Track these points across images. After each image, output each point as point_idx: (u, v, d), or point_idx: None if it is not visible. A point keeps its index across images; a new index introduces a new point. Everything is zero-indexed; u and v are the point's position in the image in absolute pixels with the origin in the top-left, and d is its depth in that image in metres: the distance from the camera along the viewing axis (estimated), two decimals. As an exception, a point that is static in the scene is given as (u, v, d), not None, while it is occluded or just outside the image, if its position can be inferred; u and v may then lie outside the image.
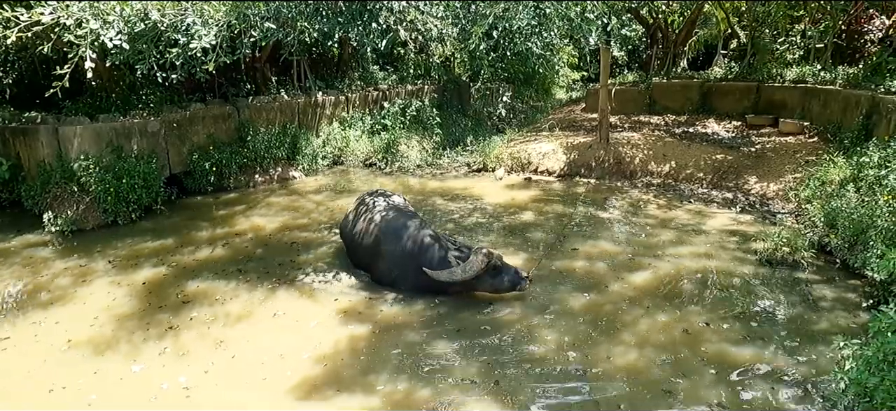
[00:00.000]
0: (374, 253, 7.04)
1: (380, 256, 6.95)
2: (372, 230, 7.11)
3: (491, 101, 16.63)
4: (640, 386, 5.06)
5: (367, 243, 7.13)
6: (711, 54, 19.64)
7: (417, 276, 6.51)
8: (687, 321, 6.16)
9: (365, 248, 7.20)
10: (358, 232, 7.37)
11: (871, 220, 6.89)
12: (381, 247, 6.91)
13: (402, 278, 6.76)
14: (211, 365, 5.47)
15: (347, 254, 7.75)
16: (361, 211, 7.55)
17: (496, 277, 6.41)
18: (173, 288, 7.12)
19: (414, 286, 6.69)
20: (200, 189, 11.33)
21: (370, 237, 7.10)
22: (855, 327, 5.88)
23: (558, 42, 11.03)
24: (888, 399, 3.32)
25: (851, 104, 11.37)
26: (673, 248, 8.25)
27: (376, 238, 7.01)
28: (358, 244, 7.34)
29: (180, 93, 11.45)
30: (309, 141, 13.13)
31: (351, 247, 7.59)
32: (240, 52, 7.00)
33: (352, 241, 7.50)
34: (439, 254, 6.55)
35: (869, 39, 15.31)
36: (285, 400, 4.97)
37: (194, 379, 5.25)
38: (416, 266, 6.53)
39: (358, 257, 7.44)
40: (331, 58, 15.39)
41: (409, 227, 6.92)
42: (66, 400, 4.99)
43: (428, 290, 6.63)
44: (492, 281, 6.42)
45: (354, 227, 7.49)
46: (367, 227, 7.20)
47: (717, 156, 11.95)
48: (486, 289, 6.53)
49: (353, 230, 7.48)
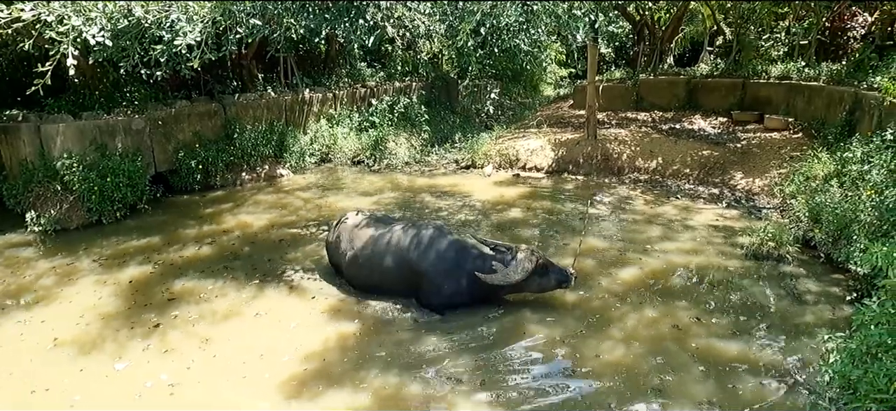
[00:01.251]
0: (409, 275, 6.29)
1: (423, 276, 6.21)
2: (394, 251, 6.36)
3: (479, 97, 16.64)
4: (629, 382, 5.09)
5: (391, 266, 6.35)
6: (698, 51, 19.78)
7: (472, 285, 6.09)
8: (675, 316, 6.21)
9: (389, 272, 6.37)
10: (366, 253, 6.49)
11: (855, 215, 6.98)
12: (422, 267, 6.19)
13: (457, 291, 6.16)
14: (196, 362, 5.42)
15: (349, 280, 6.83)
16: (357, 234, 6.68)
17: (544, 276, 6.14)
18: (160, 286, 7.06)
19: (470, 297, 6.20)
20: (187, 187, 11.23)
21: (394, 259, 6.34)
22: (839, 320, 5.96)
23: (546, 39, 11.04)
24: (871, 391, 3.37)
25: (835, 100, 11.50)
26: (660, 244, 8.31)
27: (404, 259, 6.28)
28: (372, 269, 6.47)
29: (165, 90, 11.33)
30: (296, 138, 13.05)
31: (357, 273, 6.63)
32: (226, 48, 6.91)
33: (357, 267, 6.58)
34: (483, 258, 6.15)
35: (851, 36, 15.51)
36: (274, 397, 4.94)
37: (179, 377, 5.21)
38: (469, 274, 6.09)
39: (375, 281, 6.54)
40: (318, 54, 15.30)
41: (441, 237, 6.31)
42: (50, 400, 4.92)
43: (482, 299, 6.26)
44: (540, 280, 6.14)
45: (356, 251, 6.57)
46: (384, 249, 6.41)
47: (703, 152, 12.04)
48: (533, 290, 6.25)
49: (356, 254, 6.57)
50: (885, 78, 9.68)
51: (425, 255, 6.22)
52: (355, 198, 10.86)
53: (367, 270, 6.52)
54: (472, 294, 6.19)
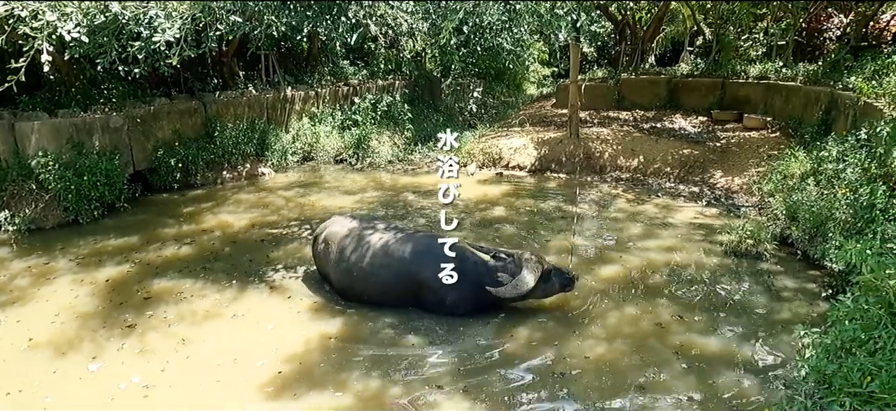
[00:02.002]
0: (408, 284, 6.09)
1: (423, 287, 6.04)
2: (391, 263, 6.10)
3: (462, 96, 16.62)
4: (611, 380, 5.13)
5: (387, 278, 6.11)
6: (678, 51, 19.97)
7: (477, 295, 5.99)
8: (656, 313, 6.27)
9: (384, 283, 6.13)
10: (361, 265, 6.17)
11: (830, 213, 7.10)
12: (422, 276, 6.02)
13: (461, 301, 6.03)
14: (172, 364, 5.36)
15: (341, 294, 6.49)
16: (348, 244, 6.34)
17: (548, 282, 6.08)
18: (138, 286, 6.96)
19: (474, 307, 6.10)
20: (166, 186, 11.08)
21: (393, 272, 6.09)
22: (815, 316, 6.06)
23: (528, 38, 11.07)
24: (845, 385, 3.43)
25: (811, 100, 11.69)
26: (641, 242, 8.38)
27: (404, 271, 6.05)
28: (368, 283, 6.19)
29: (144, 87, 11.15)
30: (278, 137, 12.94)
31: (351, 286, 6.31)
32: (205, 46, 6.83)
33: (351, 280, 6.25)
34: (487, 267, 6.09)
35: (827, 37, 15.77)
36: (256, 398, 4.90)
37: (155, 378, 5.14)
38: (472, 284, 5.97)
39: (371, 295, 6.26)
40: (300, 52, 15.17)
41: (440, 246, 6.05)
42: (21, 401, 4.83)
43: (485, 307, 6.14)
44: (544, 286, 6.06)
45: (349, 264, 6.24)
46: (381, 262, 6.13)
47: (683, 151, 12.17)
48: (537, 296, 6.16)
49: (349, 268, 6.24)
50: (860, 78, 9.86)
51: (427, 267, 5.98)
52: (338, 196, 10.80)
53: (362, 284, 6.19)
54: (476, 302, 6.07)
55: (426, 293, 6.07)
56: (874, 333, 3.64)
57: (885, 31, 14.73)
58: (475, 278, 6.00)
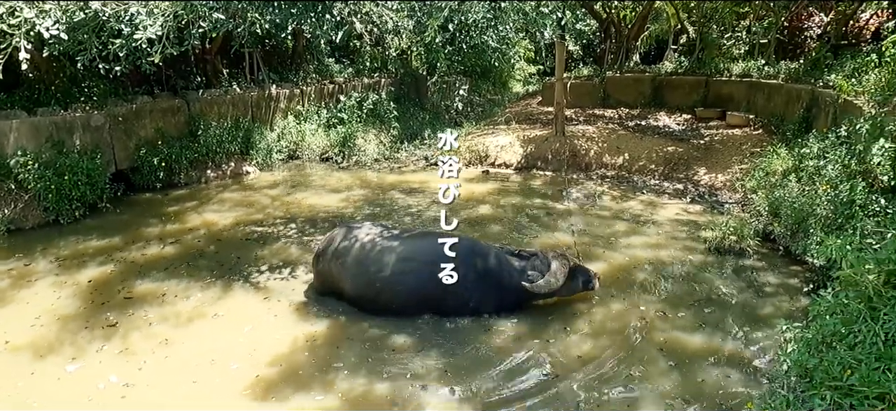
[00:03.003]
0: (433, 288, 5.82)
1: (447, 289, 5.81)
2: (420, 269, 5.87)
3: (448, 94, 16.61)
4: (597, 376, 5.16)
5: (413, 283, 5.89)
6: (662, 49, 20.14)
7: (501, 294, 6.00)
8: (640, 309, 6.32)
9: (410, 289, 5.90)
10: (384, 274, 5.91)
11: (811, 209, 7.20)
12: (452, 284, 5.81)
13: (486, 301, 6.00)
14: (158, 364, 5.30)
15: (361, 306, 6.14)
16: (369, 257, 6.03)
17: (574, 280, 6.09)
18: (120, 286, 6.87)
19: (497, 306, 6.07)
20: (149, 185, 10.94)
21: (420, 278, 5.87)
22: (797, 311, 6.14)
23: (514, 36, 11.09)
24: (826, 378, 3.48)
25: (793, 98, 11.85)
26: (626, 239, 8.44)
27: (433, 277, 5.80)
28: (395, 293, 5.93)
29: (126, 85, 11.00)
30: (263, 135, 12.83)
31: (375, 298, 6.00)
32: (188, 43, 6.75)
33: (375, 292, 5.97)
34: (516, 265, 6.05)
35: (809, 36, 16.00)
36: (241, 400, 4.86)
37: (138, 378, 5.09)
38: (497, 282, 5.99)
39: (397, 300, 5.97)
40: (285, 50, 15.06)
41: (468, 248, 6.01)
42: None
43: (507, 307, 6.12)
44: (571, 284, 6.08)
45: (372, 274, 5.96)
46: (409, 269, 5.91)
47: (668, 149, 12.27)
48: (563, 294, 6.14)
49: (371, 279, 5.95)
50: (840, 76, 10.01)
51: (459, 271, 5.78)
52: (324, 195, 10.75)
53: (387, 294, 5.91)
54: (500, 301, 6.06)
55: (450, 295, 5.86)
56: (854, 327, 3.69)
57: (865, 30, 14.97)
58: (502, 276, 5.99)
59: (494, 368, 5.26)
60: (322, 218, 9.41)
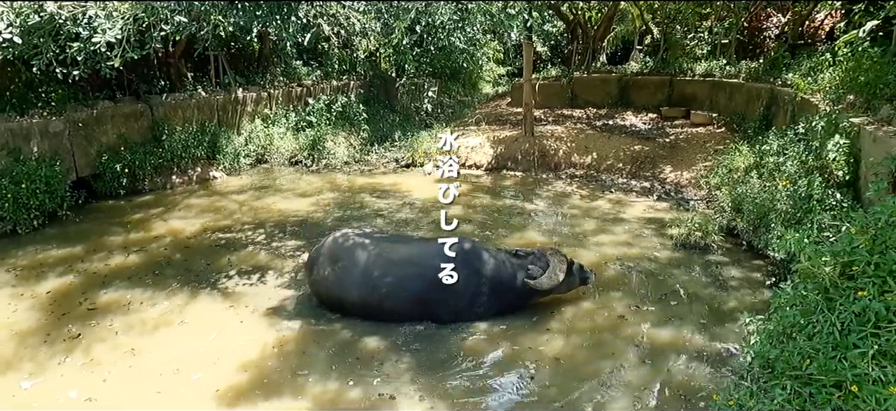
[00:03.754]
0: (437, 292, 5.77)
1: (452, 292, 5.78)
2: (423, 272, 5.80)
3: (417, 96, 16.59)
4: (569, 372, 5.22)
5: (419, 287, 5.81)
6: (628, 49, 20.48)
7: (503, 295, 6.00)
8: (610, 306, 6.41)
9: (416, 293, 5.82)
10: (388, 279, 5.81)
11: (772, 204, 7.41)
12: (455, 285, 5.77)
13: (490, 305, 5.99)
14: (122, 376, 5.16)
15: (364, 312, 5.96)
16: (367, 259, 5.91)
17: (572, 276, 6.15)
18: (82, 298, 6.67)
19: (503, 309, 6.08)
20: (112, 192, 10.65)
21: (424, 282, 5.79)
22: (759, 304, 6.31)
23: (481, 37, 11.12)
24: (787, 368, 3.58)
25: (753, 96, 12.18)
26: (596, 237, 8.56)
27: (436, 279, 5.73)
28: (398, 298, 5.82)
29: (86, 90, 10.68)
30: (230, 139, 12.63)
31: (379, 304, 5.85)
32: (150, 46, 6.60)
33: (379, 297, 5.82)
34: (517, 264, 6.04)
35: (767, 36, 16.44)
36: (211, 407, 4.77)
37: (101, 391, 4.95)
38: (502, 286, 5.97)
39: (401, 305, 5.87)
40: (251, 53, 14.84)
41: (467, 250, 5.96)
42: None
43: (508, 307, 6.13)
44: (569, 280, 6.14)
45: (375, 280, 5.83)
46: (411, 273, 5.84)
47: (635, 147, 12.48)
48: (562, 291, 6.18)
49: (376, 285, 5.82)
50: (797, 75, 10.32)
51: (458, 271, 5.74)
52: (293, 199, 10.62)
53: (391, 300, 5.81)
54: (502, 303, 6.06)
55: (454, 298, 5.83)
56: (812, 318, 3.80)
57: (820, 30, 15.45)
58: (506, 278, 5.98)
59: (468, 369, 5.27)
60: (292, 222, 9.30)
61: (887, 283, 3.58)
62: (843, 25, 11.04)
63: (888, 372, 3.04)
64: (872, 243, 3.90)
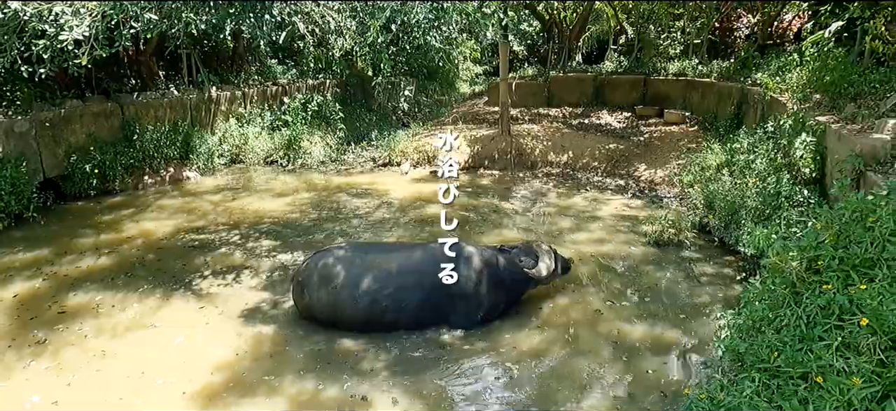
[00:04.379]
0: (439, 299, 5.73)
1: (456, 298, 5.75)
2: (423, 281, 5.70)
3: (394, 95, 16.55)
4: (545, 368, 5.26)
5: (420, 297, 5.70)
6: (604, 49, 20.69)
7: (505, 294, 6.02)
8: (586, 303, 6.48)
9: (417, 304, 5.69)
10: (388, 291, 5.65)
11: (742, 201, 7.57)
12: (455, 287, 5.70)
13: (496, 303, 5.98)
14: (89, 380, 5.06)
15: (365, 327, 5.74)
16: (361, 274, 5.69)
17: (557, 264, 6.28)
18: (51, 301, 6.51)
19: (505, 303, 6.09)
20: (81, 193, 10.41)
21: (425, 290, 5.70)
22: (730, 299, 6.43)
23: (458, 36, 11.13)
24: (756, 361, 3.66)
25: (725, 95, 12.41)
26: (571, 234, 8.64)
27: (437, 286, 5.67)
28: (401, 310, 5.67)
29: (53, 89, 10.41)
30: (204, 139, 12.43)
31: (380, 318, 5.67)
32: (119, 44, 6.46)
33: (380, 310, 5.64)
34: (513, 260, 6.08)
35: (738, 36, 16.78)
36: (185, 409, 4.70)
37: (66, 396, 4.84)
38: (503, 284, 5.99)
39: (403, 317, 5.72)
40: (224, 51, 14.64)
41: (464, 252, 5.91)
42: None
43: (510, 304, 6.16)
44: (555, 270, 6.27)
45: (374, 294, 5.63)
46: (411, 283, 5.71)
47: (610, 146, 12.62)
48: (546, 281, 6.30)
49: (376, 298, 5.62)
50: (766, 75, 10.55)
51: (459, 276, 5.71)
52: (269, 199, 10.51)
53: (393, 313, 5.67)
54: (508, 299, 6.10)
55: (460, 303, 5.79)
56: (780, 312, 3.90)
57: (788, 31, 15.82)
58: (505, 275, 6.00)
59: (444, 367, 5.28)
60: (268, 223, 9.20)
61: (851, 277, 3.69)
62: (810, 26, 11.32)
63: (851, 362, 3.13)
64: (837, 238, 4.02)
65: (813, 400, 3.09)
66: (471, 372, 5.23)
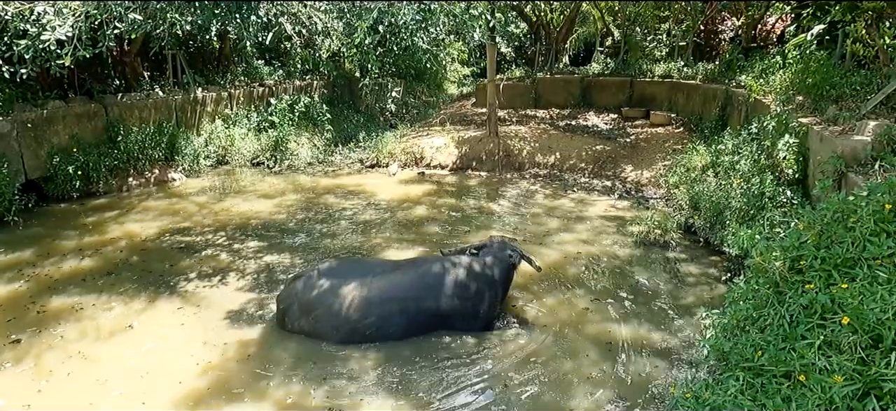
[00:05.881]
0: (429, 319, 5.70)
1: (450, 315, 5.74)
2: (404, 306, 5.60)
3: (381, 96, 16.52)
4: (532, 368, 5.28)
5: (404, 321, 5.62)
6: (590, 51, 20.82)
7: (496, 292, 5.97)
8: (572, 303, 6.51)
9: (406, 326, 5.62)
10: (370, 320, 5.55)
11: (727, 202, 7.65)
12: (444, 307, 5.70)
13: (491, 304, 5.92)
14: (77, 383, 4.99)
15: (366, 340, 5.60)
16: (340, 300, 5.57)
17: None
18: (32, 304, 6.42)
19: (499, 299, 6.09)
20: (64, 195, 10.26)
21: (402, 313, 5.60)
22: (715, 299, 6.49)
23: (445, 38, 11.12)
24: (740, 360, 3.70)
25: (709, 97, 12.54)
26: (558, 235, 8.67)
27: (422, 305, 5.65)
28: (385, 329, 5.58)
29: (35, 89, 10.27)
30: (189, 140, 12.32)
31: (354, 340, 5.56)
32: (103, 44, 6.38)
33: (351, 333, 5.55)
34: (497, 258, 6.03)
35: (722, 38, 16.96)
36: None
37: (44, 401, 4.78)
38: (486, 285, 5.89)
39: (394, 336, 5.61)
40: (210, 52, 14.53)
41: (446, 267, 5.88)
42: None
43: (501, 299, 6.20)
44: None
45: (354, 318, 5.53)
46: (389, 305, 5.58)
47: (596, 147, 12.70)
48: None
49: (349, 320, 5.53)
50: (750, 77, 10.68)
51: (443, 297, 5.70)
52: (255, 201, 10.44)
53: (378, 339, 5.57)
54: (498, 299, 6.06)
55: (458, 321, 5.77)
56: (763, 311, 3.94)
57: (772, 33, 16.01)
58: (494, 277, 5.96)
59: (431, 368, 5.27)
60: (254, 225, 9.14)
61: (832, 276, 3.74)
62: (793, 29, 11.47)
63: (833, 361, 3.17)
64: (819, 238, 4.07)
65: (796, 398, 3.13)
66: (458, 371, 5.23)
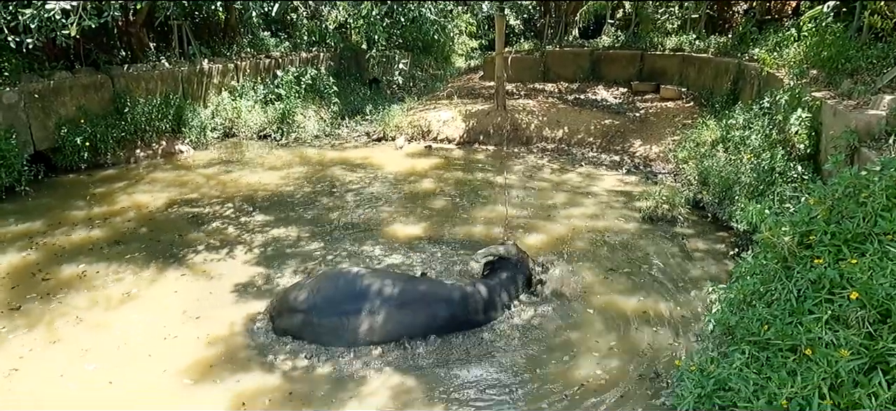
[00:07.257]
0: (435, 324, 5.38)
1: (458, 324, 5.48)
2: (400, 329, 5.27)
3: (388, 68, 16.38)
4: (536, 341, 5.30)
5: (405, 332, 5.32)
6: (601, 24, 20.45)
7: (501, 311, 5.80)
8: (579, 276, 6.49)
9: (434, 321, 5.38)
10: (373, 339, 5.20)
11: (737, 177, 7.57)
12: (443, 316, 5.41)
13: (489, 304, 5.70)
14: (90, 352, 5.07)
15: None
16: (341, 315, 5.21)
17: None
18: (43, 273, 6.49)
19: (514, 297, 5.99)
20: (72, 166, 10.30)
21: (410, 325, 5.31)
22: (722, 274, 6.47)
23: (453, 9, 10.96)
24: (746, 334, 3.69)
25: (721, 71, 12.34)
26: (566, 210, 8.64)
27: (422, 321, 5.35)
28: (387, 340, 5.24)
29: (42, 60, 10.25)
30: (196, 112, 12.30)
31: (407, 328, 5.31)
32: (108, 14, 6.34)
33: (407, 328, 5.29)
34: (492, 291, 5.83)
35: (736, 11, 16.62)
36: (178, 383, 4.72)
37: (74, 367, 4.85)
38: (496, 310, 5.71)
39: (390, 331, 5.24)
40: (217, 23, 14.42)
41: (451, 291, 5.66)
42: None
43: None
44: None
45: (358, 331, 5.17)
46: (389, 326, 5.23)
47: (605, 122, 12.57)
48: None
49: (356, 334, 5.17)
50: (763, 50, 10.48)
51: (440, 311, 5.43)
52: (262, 173, 10.45)
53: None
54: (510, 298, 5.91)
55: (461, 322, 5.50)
56: (771, 286, 3.92)
57: (787, 5, 15.67)
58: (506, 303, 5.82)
59: (438, 340, 5.29)
60: (261, 197, 9.16)
61: (842, 252, 3.70)
62: (808, 1, 11.22)
63: (840, 335, 3.15)
64: (829, 213, 4.02)
65: (801, 371, 3.12)
66: (463, 343, 5.25)
